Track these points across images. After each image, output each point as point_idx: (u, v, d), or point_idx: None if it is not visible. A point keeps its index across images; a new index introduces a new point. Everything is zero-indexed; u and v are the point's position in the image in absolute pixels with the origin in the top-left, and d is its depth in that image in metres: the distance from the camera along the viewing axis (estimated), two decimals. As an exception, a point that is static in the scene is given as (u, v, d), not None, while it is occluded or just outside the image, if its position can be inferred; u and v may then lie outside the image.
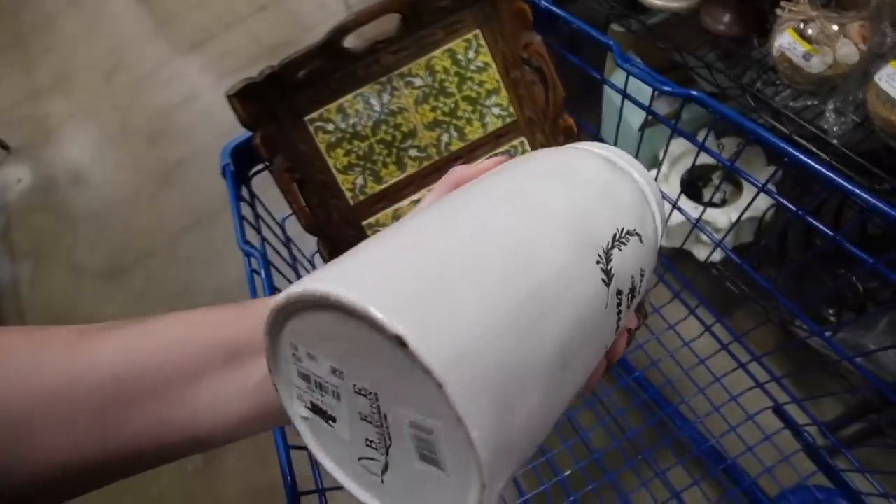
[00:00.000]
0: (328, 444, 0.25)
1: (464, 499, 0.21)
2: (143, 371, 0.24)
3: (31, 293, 1.47)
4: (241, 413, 0.26)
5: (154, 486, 1.03)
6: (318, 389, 0.24)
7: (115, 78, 1.98)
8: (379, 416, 0.22)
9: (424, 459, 0.22)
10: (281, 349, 0.24)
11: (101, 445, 0.23)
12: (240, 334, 0.26)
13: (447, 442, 0.20)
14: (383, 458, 0.23)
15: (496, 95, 0.54)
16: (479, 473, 0.20)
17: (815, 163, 0.38)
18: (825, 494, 0.58)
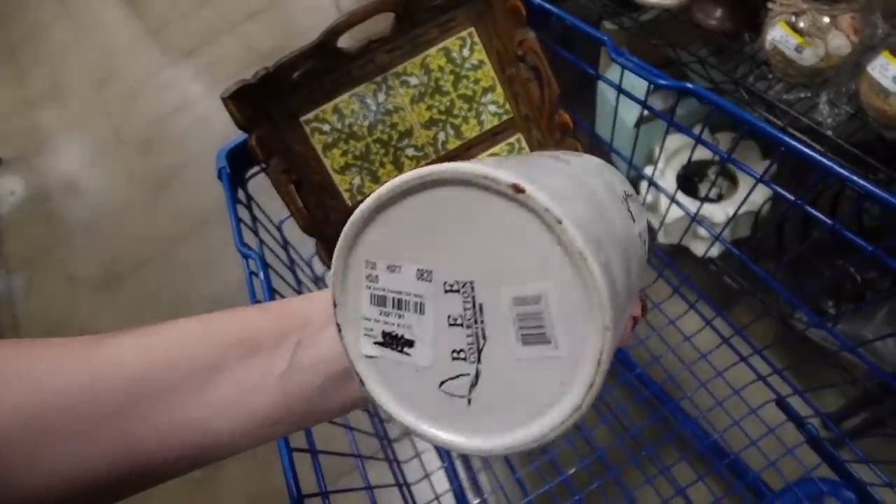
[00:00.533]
0: (398, 383, 0.24)
1: (580, 359, 0.21)
2: (160, 367, 0.23)
3: (26, 304, 1.46)
4: (264, 408, 0.25)
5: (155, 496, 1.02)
6: (395, 309, 0.23)
7: (107, 87, 1.98)
8: (473, 312, 0.22)
9: (528, 341, 0.22)
10: (350, 276, 0.24)
11: (122, 448, 0.22)
12: (260, 328, 0.26)
13: (559, 302, 0.21)
14: (474, 367, 0.23)
15: (492, 93, 0.54)
16: (601, 314, 0.20)
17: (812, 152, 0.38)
18: (830, 486, 0.58)
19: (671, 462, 0.64)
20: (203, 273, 1.35)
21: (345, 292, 0.24)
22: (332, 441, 0.51)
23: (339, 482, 0.87)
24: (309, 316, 0.26)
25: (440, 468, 0.69)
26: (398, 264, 0.23)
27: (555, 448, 0.66)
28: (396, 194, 0.22)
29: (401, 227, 0.23)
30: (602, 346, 0.21)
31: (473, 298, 0.22)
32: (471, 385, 0.23)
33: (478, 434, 0.23)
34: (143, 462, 0.22)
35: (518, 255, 0.22)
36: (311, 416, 0.26)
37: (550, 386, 0.22)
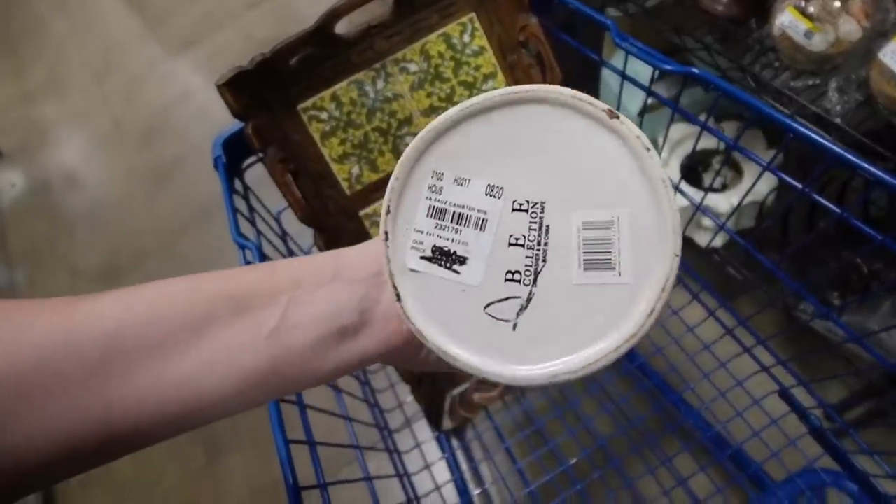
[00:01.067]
0: (437, 301, 0.24)
1: (643, 286, 0.21)
2: (143, 322, 0.22)
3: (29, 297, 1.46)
4: (252, 367, 0.23)
5: (158, 486, 1.03)
6: (453, 224, 0.23)
7: (107, 79, 1.97)
8: (538, 233, 0.22)
9: (591, 266, 0.22)
10: (412, 184, 0.23)
11: (105, 407, 0.21)
12: (249, 286, 0.25)
13: (630, 228, 0.21)
14: (527, 290, 0.23)
15: (493, 80, 0.53)
16: (673, 241, 0.21)
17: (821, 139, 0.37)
18: (832, 477, 0.58)
19: (673, 453, 0.64)
20: (204, 265, 1.34)
21: (401, 200, 0.23)
22: (332, 433, 0.51)
23: (340, 473, 0.87)
24: (301, 276, 0.26)
25: (441, 459, 0.68)
26: (467, 177, 0.23)
27: (556, 437, 0.66)
28: (485, 108, 0.23)
29: (478, 141, 0.23)
30: (669, 273, 0.21)
31: (541, 219, 0.22)
32: (520, 308, 0.23)
33: (518, 361, 0.23)
34: (127, 422, 0.21)
35: (597, 179, 0.22)
36: (301, 378, 0.25)
37: (606, 313, 0.22)
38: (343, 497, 0.42)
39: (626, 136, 0.21)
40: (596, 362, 0.22)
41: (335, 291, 0.25)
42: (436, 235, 0.23)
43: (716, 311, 0.64)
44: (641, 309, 0.22)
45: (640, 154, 0.21)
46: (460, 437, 0.73)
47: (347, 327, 0.25)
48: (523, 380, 0.23)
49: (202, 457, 1.03)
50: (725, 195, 0.89)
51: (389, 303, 0.26)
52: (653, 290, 0.21)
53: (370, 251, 0.27)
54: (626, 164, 0.22)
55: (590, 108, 0.22)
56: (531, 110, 0.22)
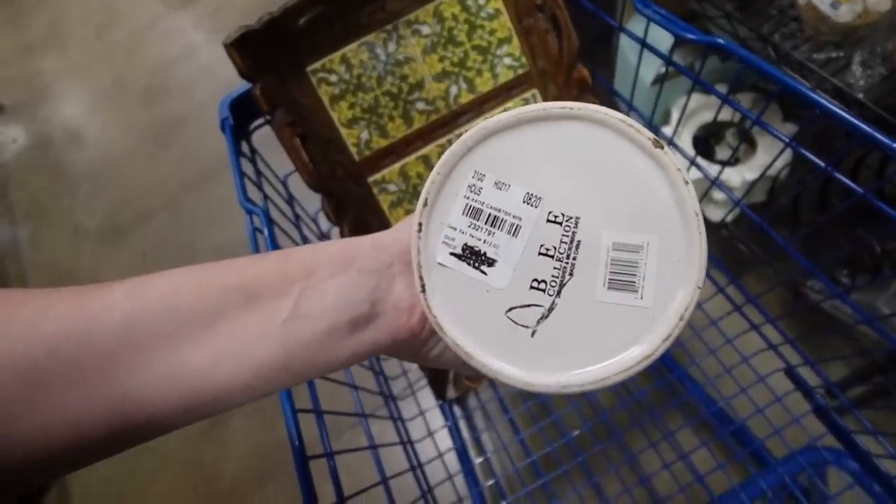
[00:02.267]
0: (460, 299, 0.24)
1: (663, 312, 0.22)
2: (156, 313, 0.22)
3: (32, 254, 1.46)
4: (264, 358, 0.23)
5: (162, 445, 1.04)
6: (487, 225, 0.24)
7: (108, 33, 1.92)
8: (569, 246, 0.23)
9: (615, 286, 0.23)
10: (452, 181, 0.24)
11: (118, 397, 0.21)
12: (260, 276, 0.24)
13: (658, 256, 0.22)
14: (550, 300, 0.23)
15: (508, 45, 0.51)
16: (698, 273, 0.22)
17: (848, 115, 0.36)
18: (834, 455, 0.58)
19: (675, 427, 0.64)
20: (208, 225, 1.34)
21: (439, 195, 0.24)
22: (336, 397, 0.51)
23: (343, 437, 0.88)
24: (313, 266, 0.25)
25: (444, 427, 0.69)
26: (508, 182, 0.23)
27: (559, 410, 0.66)
28: (537, 117, 0.23)
29: (524, 149, 0.23)
30: (689, 302, 0.22)
31: (573, 234, 0.23)
32: (541, 317, 0.23)
33: (533, 367, 0.23)
34: (141, 412, 0.21)
35: (634, 203, 0.23)
36: (313, 368, 0.25)
37: (623, 333, 0.23)
38: (346, 460, 0.43)
39: (667, 167, 0.22)
40: (607, 378, 0.23)
41: (347, 282, 0.25)
42: (468, 234, 0.24)
43: (725, 288, 0.63)
44: (658, 333, 0.22)
45: (678, 185, 0.22)
46: (463, 407, 0.73)
47: (358, 318, 0.25)
48: (535, 386, 0.23)
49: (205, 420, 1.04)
50: (738, 169, 0.87)
51: (400, 295, 0.26)
52: (672, 317, 0.22)
53: (383, 242, 0.27)
54: (664, 193, 0.22)
55: (637, 134, 0.22)
56: (581, 127, 0.23)
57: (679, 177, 0.22)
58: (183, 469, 1.02)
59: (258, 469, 0.98)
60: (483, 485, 0.66)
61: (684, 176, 0.22)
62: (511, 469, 0.64)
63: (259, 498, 0.95)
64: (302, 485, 0.33)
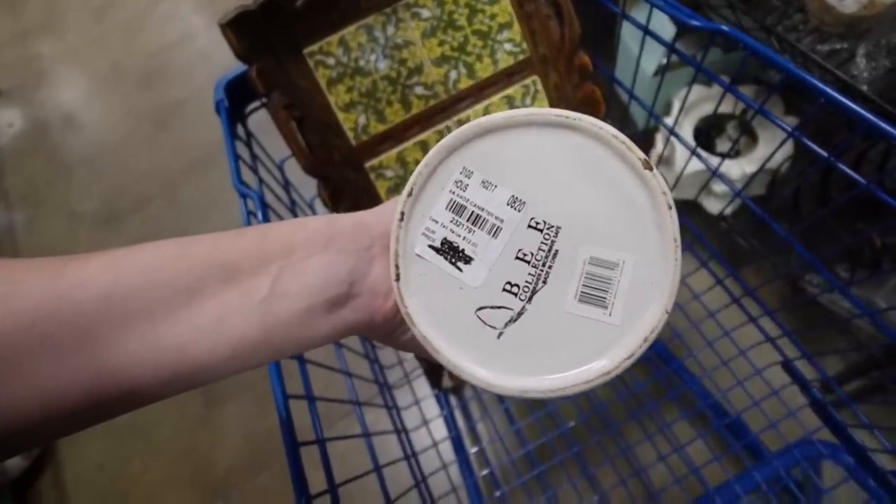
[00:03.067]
0: (433, 293, 0.24)
1: (629, 331, 0.22)
2: (133, 287, 0.22)
3: (28, 239, 1.45)
4: (243, 334, 0.23)
5: (156, 432, 1.04)
6: (467, 223, 0.24)
7: (106, 17, 1.90)
8: (546, 254, 0.23)
9: (585, 300, 0.23)
10: (440, 174, 0.24)
11: (95, 372, 0.21)
12: (239, 253, 0.24)
13: (632, 276, 0.22)
14: (521, 304, 0.23)
15: (509, 30, 0.50)
16: (668, 299, 0.22)
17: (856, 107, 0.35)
18: (830, 449, 0.58)
19: (671, 419, 0.64)
20: (206, 211, 1.33)
21: (425, 186, 0.24)
22: (330, 385, 0.50)
23: (337, 425, 0.88)
24: (293, 243, 0.25)
25: (439, 416, 0.69)
26: (495, 183, 0.23)
27: (554, 402, 0.66)
28: (533, 122, 0.23)
29: (516, 151, 0.23)
30: (655, 325, 0.22)
31: (552, 242, 0.23)
32: (509, 320, 0.23)
33: (496, 369, 0.24)
34: (118, 386, 0.21)
35: (615, 221, 0.23)
36: (292, 345, 0.25)
37: (588, 346, 0.23)
38: (340, 449, 0.42)
39: (653, 189, 0.22)
40: (566, 388, 0.23)
41: (326, 262, 0.25)
42: (449, 229, 0.24)
43: (724, 280, 0.63)
44: (622, 351, 0.23)
45: (662, 210, 0.22)
46: (459, 396, 0.73)
47: (336, 298, 0.25)
48: (496, 388, 0.23)
49: (200, 406, 1.04)
50: (738, 161, 0.86)
51: (377, 278, 0.26)
52: (636, 337, 0.23)
53: (365, 222, 0.27)
54: (647, 215, 0.22)
55: (628, 153, 0.22)
56: (575, 137, 0.23)
57: (664, 201, 0.22)
58: (177, 456, 1.02)
59: (252, 457, 0.98)
60: (478, 474, 0.66)
61: (668, 201, 0.22)
62: (506, 459, 0.64)
63: (253, 485, 0.95)
64: (292, 470, 0.33)
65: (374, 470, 0.45)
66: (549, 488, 0.61)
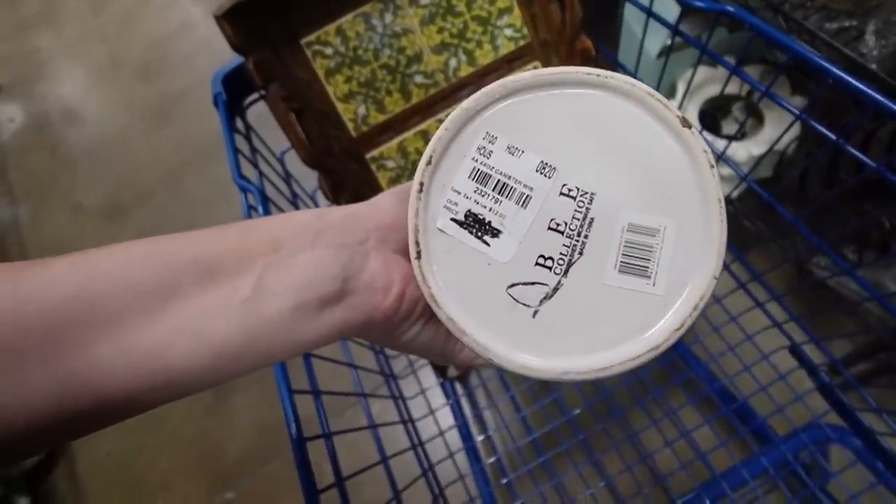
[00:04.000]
0: (459, 271, 0.22)
1: (675, 301, 0.21)
2: (101, 290, 0.20)
3: (32, 234, 1.46)
4: (224, 338, 0.21)
5: (166, 422, 1.05)
6: (495, 192, 0.22)
7: (104, 8, 1.89)
8: (581, 223, 0.22)
9: (626, 270, 0.21)
10: (460, 141, 0.22)
11: (61, 383, 0.19)
12: (218, 251, 0.22)
13: (675, 241, 0.21)
14: (556, 279, 0.22)
15: (509, 15, 0.49)
16: (716, 262, 0.21)
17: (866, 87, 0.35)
18: (837, 433, 0.58)
19: (677, 405, 0.64)
20: (209, 203, 1.33)
21: (445, 154, 0.22)
22: (335, 376, 0.50)
23: (343, 415, 0.89)
24: (280, 238, 0.23)
25: (445, 405, 0.69)
26: (521, 148, 0.22)
27: (559, 389, 0.66)
28: (559, 81, 0.22)
29: (542, 114, 0.22)
30: (704, 293, 0.21)
31: (587, 210, 0.22)
32: (545, 296, 0.22)
33: (530, 350, 0.22)
34: (88, 398, 0.19)
35: (654, 183, 0.21)
36: (278, 349, 0.23)
37: (632, 320, 0.21)
38: (346, 440, 0.42)
39: (692, 148, 0.21)
40: (611, 367, 0.22)
41: (316, 257, 0.24)
42: (473, 200, 0.22)
43: (730, 265, 0.62)
44: (669, 323, 0.21)
45: (703, 169, 0.21)
46: (465, 385, 0.73)
47: (327, 296, 0.23)
48: (532, 371, 0.22)
49: (209, 397, 1.05)
50: (744, 144, 0.85)
51: (374, 273, 0.24)
52: (685, 307, 0.21)
53: (358, 215, 0.25)
54: (687, 175, 0.21)
55: (664, 110, 0.21)
56: (605, 97, 0.21)
57: (705, 160, 0.21)
58: (187, 446, 1.03)
59: (261, 446, 0.99)
60: (484, 462, 0.67)
61: (710, 159, 0.21)
62: (512, 446, 0.64)
63: (262, 474, 0.96)
64: (299, 466, 0.33)
65: (382, 461, 0.45)
66: (556, 475, 0.61)
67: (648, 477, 0.63)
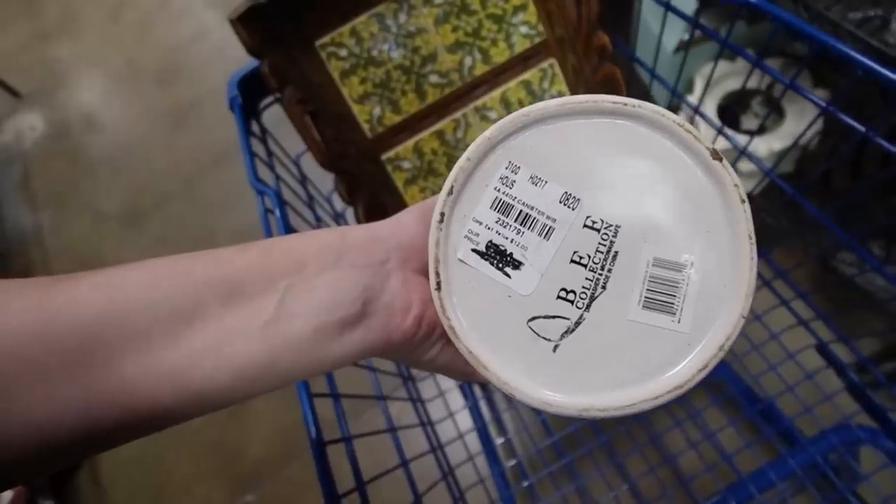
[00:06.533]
0: (478, 302, 0.22)
1: (700, 340, 0.20)
2: (128, 308, 0.20)
3: (55, 241, 1.48)
4: (247, 358, 0.22)
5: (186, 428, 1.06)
6: (517, 223, 0.22)
7: (121, 16, 1.92)
8: (604, 256, 0.21)
9: (651, 306, 0.21)
10: (483, 170, 0.22)
11: (84, 398, 0.19)
12: (241, 270, 0.22)
13: (702, 278, 0.20)
14: (578, 313, 0.21)
15: (524, 12, 0.49)
16: (744, 302, 0.20)
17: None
18: (868, 434, 0.56)
19: (701, 406, 0.62)
20: (227, 207, 1.34)
21: (467, 183, 0.22)
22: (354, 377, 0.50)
23: (362, 417, 0.88)
24: (303, 258, 0.23)
25: (464, 408, 0.68)
26: (545, 179, 0.21)
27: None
28: (586, 111, 0.21)
29: (566, 143, 0.21)
30: (731, 332, 0.20)
31: (611, 243, 0.21)
32: (566, 331, 0.21)
33: (551, 385, 0.22)
34: (112, 416, 0.19)
35: (681, 218, 0.21)
36: (300, 370, 0.23)
37: (655, 357, 0.21)
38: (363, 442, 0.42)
39: (723, 182, 0.20)
40: (633, 405, 0.21)
41: (337, 279, 0.23)
42: (495, 231, 0.22)
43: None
44: (693, 363, 0.21)
45: (734, 204, 0.20)
46: (484, 387, 0.72)
47: (348, 319, 0.23)
48: (552, 407, 0.21)
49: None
50: (764, 138, 0.84)
51: (394, 294, 0.24)
52: (710, 346, 0.20)
53: (380, 234, 0.25)
54: (716, 210, 0.20)
55: (694, 142, 0.20)
56: (632, 126, 0.21)
57: (736, 194, 0.20)
58: (208, 450, 1.03)
59: (281, 449, 0.99)
60: (505, 465, 0.66)
61: (741, 194, 0.20)
62: (533, 449, 0.64)
63: (283, 477, 0.97)
64: (319, 471, 0.32)
65: (402, 465, 0.45)
66: (578, 478, 0.60)
67: (672, 479, 0.62)
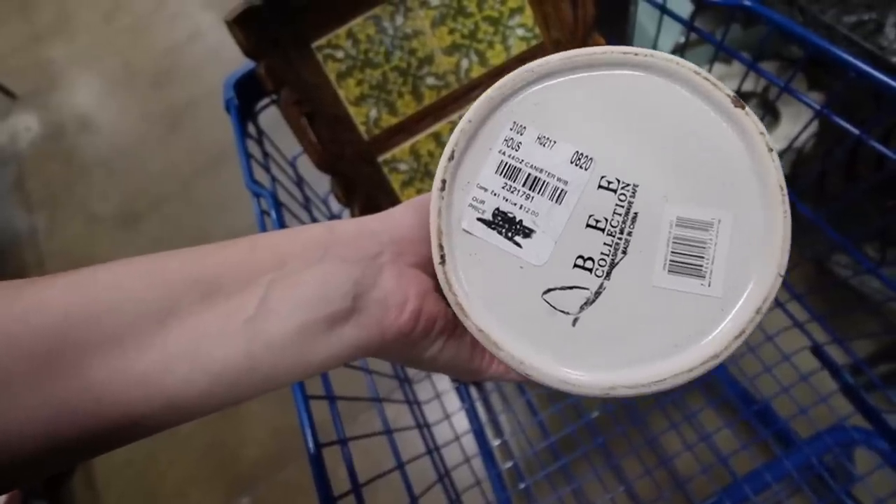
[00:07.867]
0: (488, 275, 0.20)
1: (734, 303, 0.19)
2: (97, 309, 0.19)
3: (49, 243, 1.47)
4: (225, 361, 0.20)
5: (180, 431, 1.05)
6: (523, 189, 0.20)
7: (115, 18, 1.91)
8: (623, 219, 0.19)
9: (676, 270, 0.19)
10: (485, 132, 0.20)
11: (52, 406, 0.18)
12: (221, 267, 0.21)
13: (731, 236, 0.19)
14: (598, 281, 0.20)
15: (520, 14, 0.49)
16: (780, 258, 0.18)
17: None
18: (863, 435, 0.56)
19: (697, 408, 0.63)
20: (223, 209, 1.33)
21: (469, 148, 0.20)
22: (350, 380, 0.50)
23: (358, 419, 0.88)
24: (287, 254, 0.22)
25: (460, 409, 0.68)
26: (553, 138, 0.20)
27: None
28: (593, 63, 0.20)
29: (575, 99, 0.20)
30: (768, 293, 0.18)
31: (630, 204, 0.19)
32: (585, 301, 0.20)
33: (571, 363, 0.20)
34: (80, 425, 0.18)
35: (704, 172, 0.19)
36: (283, 373, 0.21)
37: (685, 326, 0.19)
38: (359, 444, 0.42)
39: (748, 130, 0.19)
40: (663, 380, 0.19)
41: (324, 274, 0.22)
42: (501, 197, 0.20)
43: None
44: (728, 329, 0.19)
45: (761, 154, 0.18)
46: (480, 389, 0.72)
47: (337, 315, 0.22)
48: (574, 386, 0.20)
49: (224, 402, 1.05)
50: (760, 142, 0.84)
51: (388, 289, 0.23)
52: (746, 309, 0.19)
53: (371, 228, 0.24)
54: (742, 161, 0.19)
55: (713, 90, 0.19)
56: (645, 78, 0.19)
57: (762, 142, 0.18)
58: (203, 452, 1.03)
59: (277, 452, 0.99)
60: (501, 467, 0.66)
61: (768, 142, 0.18)
62: (529, 451, 0.64)
63: (278, 480, 0.96)
64: (315, 474, 0.32)
65: (398, 467, 0.45)
66: (574, 480, 0.60)
67: (668, 481, 0.62)
